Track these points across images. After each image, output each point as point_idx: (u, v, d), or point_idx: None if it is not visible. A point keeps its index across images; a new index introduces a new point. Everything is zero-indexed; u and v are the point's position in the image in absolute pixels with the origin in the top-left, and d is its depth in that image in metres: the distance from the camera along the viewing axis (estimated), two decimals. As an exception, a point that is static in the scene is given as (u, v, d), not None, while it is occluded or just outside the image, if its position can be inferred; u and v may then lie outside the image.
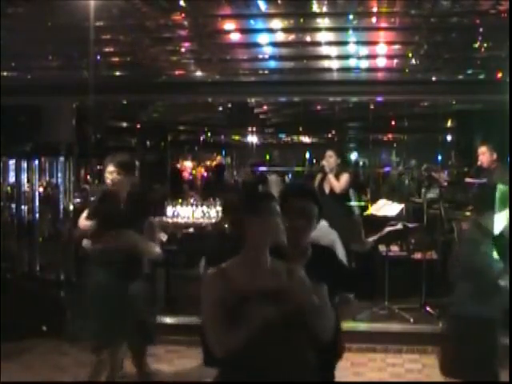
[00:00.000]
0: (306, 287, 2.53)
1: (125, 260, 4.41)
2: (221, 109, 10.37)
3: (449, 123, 11.30)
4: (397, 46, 6.18)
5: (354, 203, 7.51)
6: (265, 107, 10.58)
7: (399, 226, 6.85)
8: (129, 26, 5.44)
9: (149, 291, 4.83)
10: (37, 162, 7.86)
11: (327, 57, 6.52)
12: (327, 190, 7.07)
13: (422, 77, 7.23)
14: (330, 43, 5.99)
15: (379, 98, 8.45)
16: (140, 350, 4.70)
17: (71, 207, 7.76)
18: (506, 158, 6.73)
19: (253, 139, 12.38)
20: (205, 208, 7.35)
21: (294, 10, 5.08)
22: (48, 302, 6.90)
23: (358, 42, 5.98)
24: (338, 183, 6.98)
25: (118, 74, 7.30)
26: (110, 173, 4.53)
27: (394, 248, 7.44)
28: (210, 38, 5.87)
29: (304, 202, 2.90)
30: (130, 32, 5.67)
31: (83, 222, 4.66)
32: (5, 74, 7.04)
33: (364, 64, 6.92)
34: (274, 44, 6.09)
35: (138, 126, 11.14)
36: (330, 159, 7.12)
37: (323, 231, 3.86)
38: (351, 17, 5.13)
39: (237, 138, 13.30)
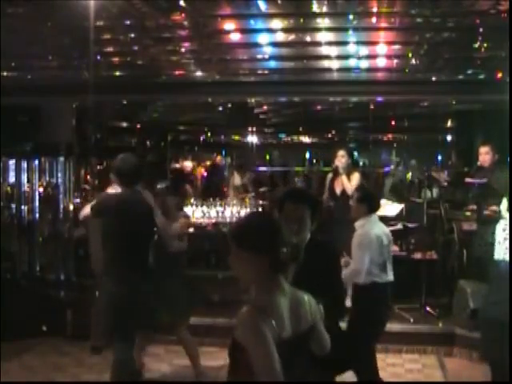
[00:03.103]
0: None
1: None
2: (221, 109, 10.36)
3: (449, 123, 11.31)
4: (397, 46, 6.18)
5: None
6: (265, 107, 10.57)
7: (399, 226, 6.85)
8: (129, 26, 5.44)
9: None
10: (37, 162, 7.87)
11: (327, 57, 6.52)
12: (338, 191, 7.01)
13: (421, 77, 7.23)
14: (329, 43, 5.99)
15: (379, 98, 8.45)
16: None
17: (71, 207, 7.77)
18: (505, 157, 6.72)
19: (253, 139, 12.38)
20: (205, 208, 7.36)
21: (294, 10, 5.07)
22: (48, 302, 6.91)
23: (358, 42, 5.98)
24: (351, 184, 6.90)
25: (117, 73, 7.30)
26: None
27: (394, 248, 7.42)
28: (209, 38, 5.87)
29: (296, 206, 3.01)
30: (129, 32, 5.67)
31: None
32: (5, 74, 7.05)
33: (364, 64, 6.91)
34: (274, 44, 6.08)
35: (138, 126, 11.14)
36: (343, 159, 6.96)
37: None
38: (351, 17, 5.13)
39: (237, 138, 13.30)
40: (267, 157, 13.77)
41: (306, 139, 13.69)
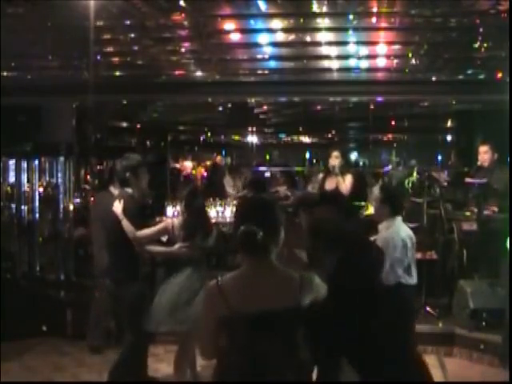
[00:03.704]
0: (319, 299, 2.46)
1: None
2: (221, 109, 10.36)
3: (449, 123, 11.31)
4: (397, 46, 6.18)
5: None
6: (265, 107, 10.56)
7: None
8: (129, 26, 5.43)
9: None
10: (37, 162, 7.87)
11: (327, 57, 6.52)
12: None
13: (422, 77, 7.23)
14: (329, 43, 5.99)
15: (379, 98, 8.45)
16: None
17: (71, 207, 7.77)
18: (505, 157, 6.72)
19: (253, 139, 12.38)
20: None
21: (294, 10, 5.07)
22: (48, 302, 6.91)
23: (358, 42, 5.98)
24: (346, 186, 6.95)
25: (118, 73, 7.30)
26: None
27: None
28: (209, 38, 5.86)
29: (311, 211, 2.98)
30: (129, 32, 5.67)
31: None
32: (5, 74, 7.05)
33: (364, 64, 6.91)
34: (274, 44, 6.08)
35: (138, 126, 11.14)
36: (337, 160, 7.14)
37: None
38: (351, 17, 5.13)
39: (237, 138, 13.31)
40: (267, 157, 13.77)
41: (306, 139, 13.70)
